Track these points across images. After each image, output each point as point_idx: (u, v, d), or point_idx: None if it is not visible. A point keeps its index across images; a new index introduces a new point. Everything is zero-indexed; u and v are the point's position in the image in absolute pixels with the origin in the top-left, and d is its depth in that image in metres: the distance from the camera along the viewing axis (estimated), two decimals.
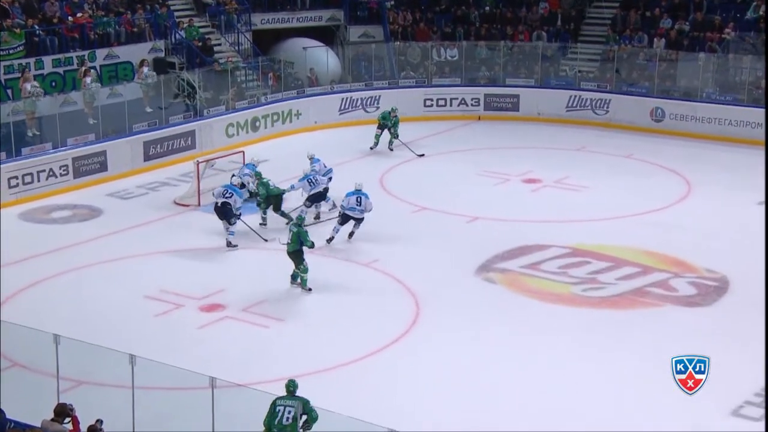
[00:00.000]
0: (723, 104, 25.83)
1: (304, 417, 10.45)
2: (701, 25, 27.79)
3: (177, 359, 12.14)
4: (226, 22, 28.33)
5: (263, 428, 10.45)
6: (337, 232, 18.04)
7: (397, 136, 24.10)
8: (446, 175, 22.73)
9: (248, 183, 19.52)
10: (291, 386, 10.73)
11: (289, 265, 16.20)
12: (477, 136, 26.41)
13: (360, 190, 17.99)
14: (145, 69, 25.10)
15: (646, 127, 26.35)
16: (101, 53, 25.20)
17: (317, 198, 19.13)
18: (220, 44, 27.82)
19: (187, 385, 11.26)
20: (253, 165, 19.97)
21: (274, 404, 10.50)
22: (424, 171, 23.12)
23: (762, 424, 12.11)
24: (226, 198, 18.08)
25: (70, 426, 10.01)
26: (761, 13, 27.07)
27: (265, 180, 19.06)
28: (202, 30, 27.58)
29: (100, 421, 9.72)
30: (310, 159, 20.22)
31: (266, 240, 18.29)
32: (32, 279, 16.63)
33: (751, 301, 15.72)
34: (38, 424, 9.90)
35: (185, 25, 27.12)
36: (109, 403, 11.10)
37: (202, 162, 20.93)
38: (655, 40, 28.01)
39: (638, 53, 27.91)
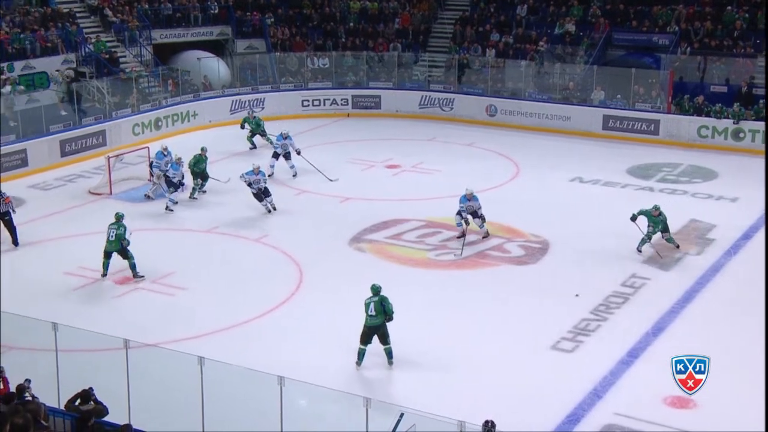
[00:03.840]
0: (541, 102, 26.47)
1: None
2: (522, 39, 28.45)
3: (95, 326, 11.76)
4: (130, 37, 27.49)
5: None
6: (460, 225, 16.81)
7: (265, 133, 23.26)
8: (322, 163, 22.59)
9: (167, 172, 19.06)
10: (374, 288, 11.90)
11: (196, 242, 15.75)
12: (346, 131, 26.37)
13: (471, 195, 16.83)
14: (59, 72, 24.17)
15: (483, 120, 26.79)
16: (19, 65, 24.17)
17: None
18: (125, 56, 26.94)
19: (104, 346, 10.91)
20: (162, 153, 19.53)
21: (365, 303, 11.75)
22: (303, 160, 22.94)
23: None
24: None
25: (0, 386, 9.56)
26: (565, 29, 27.90)
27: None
28: (108, 44, 26.73)
29: (28, 380, 9.31)
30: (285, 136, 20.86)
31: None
32: None
33: (567, 258, 16.30)
34: None
35: (93, 40, 26.27)
36: (36, 366, 10.64)
37: (112, 157, 20.38)
38: (487, 50, 28.55)
39: (474, 61, 28.37)
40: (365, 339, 11.94)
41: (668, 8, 27.21)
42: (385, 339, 11.91)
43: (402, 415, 8.77)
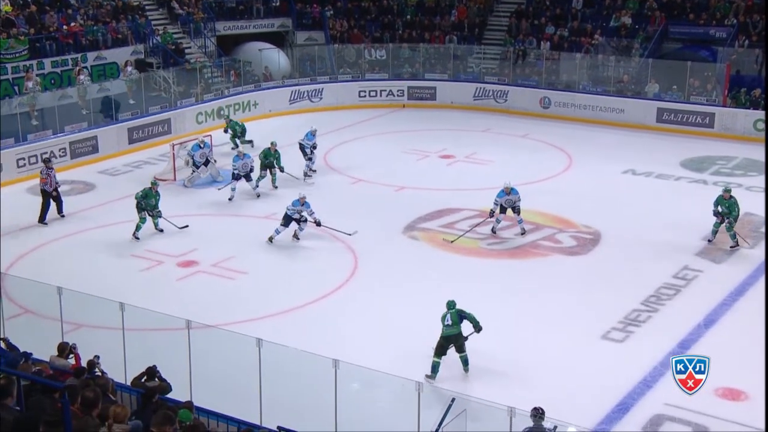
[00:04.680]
0: (595, 94, 26.07)
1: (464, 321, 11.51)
2: (577, 32, 28.03)
3: (159, 306, 11.98)
4: (195, 29, 27.85)
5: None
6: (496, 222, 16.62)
7: (283, 169, 19.59)
8: (377, 152, 22.68)
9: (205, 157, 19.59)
10: (450, 304, 11.66)
11: (255, 228, 15.91)
12: (402, 121, 26.34)
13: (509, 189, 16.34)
14: (129, 68, 24.68)
15: (537, 112, 26.50)
16: (91, 56, 24.70)
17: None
18: (190, 47, 27.31)
19: (168, 326, 11.12)
20: (198, 145, 19.76)
21: (442, 317, 11.56)
22: (359, 150, 23.03)
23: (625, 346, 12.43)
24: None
25: (72, 361, 9.85)
26: (621, 22, 27.39)
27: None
28: (175, 36, 27.09)
29: (97, 357, 9.57)
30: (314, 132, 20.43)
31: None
32: (39, 242, 16.29)
33: (618, 249, 16.06)
34: (47, 360, 9.71)
35: (161, 32, 26.69)
36: (104, 343, 10.92)
37: (176, 144, 20.64)
38: (542, 43, 28.18)
39: (529, 53, 28.04)
40: (441, 351, 11.48)
41: (726, 1, 26.48)
42: (461, 347, 11.54)
43: (453, 400, 8.77)
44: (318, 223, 16.25)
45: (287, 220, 16.07)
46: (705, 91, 24.61)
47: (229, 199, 18.57)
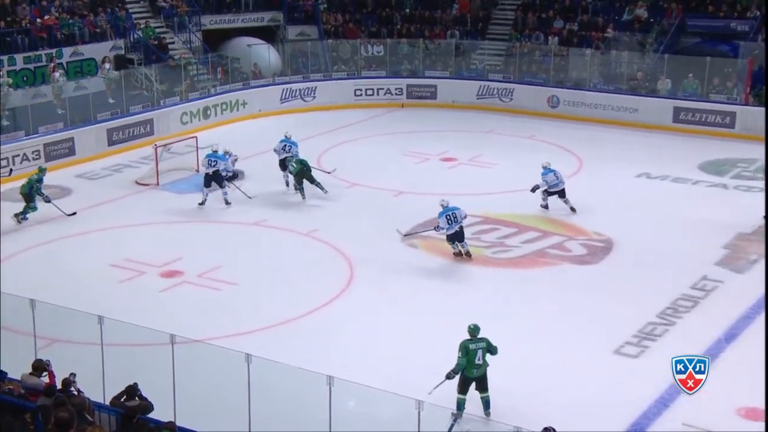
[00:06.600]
0: (606, 92, 26.10)
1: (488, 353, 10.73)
2: (587, 26, 28.11)
3: (140, 319, 11.95)
4: (179, 23, 27.87)
5: (457, 367, 10.61)
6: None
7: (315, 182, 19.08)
8: (374, 155, 22.69)
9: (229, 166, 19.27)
10: (476, 330, 10.76)
11: (243, 236, 15.89)
12: (400, 122, 26.36)
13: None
14: (107, 65, 24.72)
15: (545, 112, 26.54)
16: (67, 51, 24.68)
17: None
18: (173, 42, 27.34)
19: (150, 341, 11.08)
20: (224, 155, 19.27)
21: (466, 348, 10.60)
22: (355, 152, 23.04)
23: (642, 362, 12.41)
24: (213, 167, 18.34)
25: (46, 379, 9.81)
26: (635, 15, 27.47)
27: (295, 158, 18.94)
28: (157, 30, 27.12)
29: (73, 375, 9.53)
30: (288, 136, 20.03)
31: (250, 197, 18.83)
32: (10, 251, 16.20)
33: (631, 258, 16.06)
34: (17, 378, 9.67)
35: (142, 26, 26.71)
36: (81, 359, 10.87)
37: (159, 146, 20.66)
38: (550, 38, 28.24)
39: (536, 49, 28.11)
40: (465, 387, 10.78)
41: None
42: (484, 386, 10.85)
43: (456, 419, 8.75)
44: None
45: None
46: (725, 89, 24.66)
47: (201, 204, 18.53)
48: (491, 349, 10.83)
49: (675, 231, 16.99)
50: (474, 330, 10.82)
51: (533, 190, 17.99)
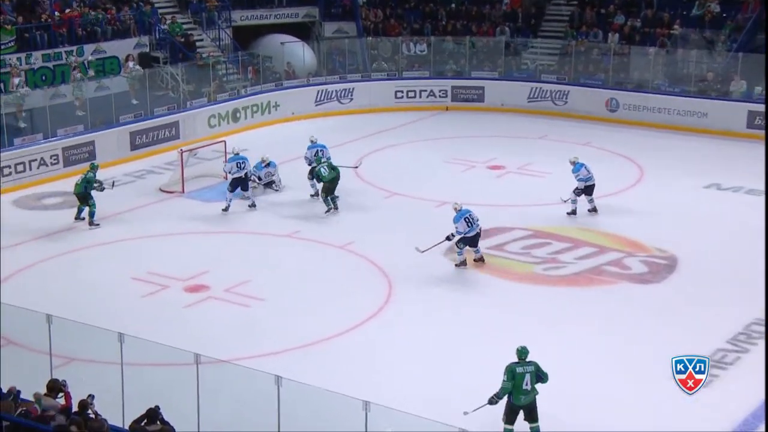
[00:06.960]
0: (672, 95, 25.91)
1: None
2: (651, 22, 27.92)
3: (163, 337, 12.06)
4: (208, 19, 28.20)
5: (502, 392, 10.61)
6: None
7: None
8: (416, 162, 22.73)
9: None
10: (525, 353, 10.67)
11: (274, 248, 15.97)
12: (444, 126, 26.39)
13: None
14: (131, 63, 24.99)
15: (602, 116, 26.40)
16: (89, 48, 25.02)
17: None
18: (201, 40, 27.65)
19: (173, 361, 11.18)
20: (262, 164, 20.04)
21: (512, 371, 10.53)
22: (395, 159, 23.10)
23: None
24: (242, 169, 18.78)
25: (62, 401, 9.96)
26: (705, 9, 27.21)
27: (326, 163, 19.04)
28: (184, 26, 27.44)
29: (91, 396, 9.68)
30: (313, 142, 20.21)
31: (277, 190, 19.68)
32: (25, 263, 16.49)
33: (697, 278, 15.88)
34: (31, 398, 9.83)
35: (168, 22, 27.02)
36: (100, 379, 11.03)
37: (185, 151, 20.86)
38: (610, 35, 28.10)
39: (594, 48, 27.98)
40: (513, 417, 10.72)
41: None
42: (534, 416, 10.74)
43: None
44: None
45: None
46: None
47: (224, 210, 18.85)
48: (541, 375, 10.74)
49: (747, 247, 16.74)
50: (522, 352, 10.74)
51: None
